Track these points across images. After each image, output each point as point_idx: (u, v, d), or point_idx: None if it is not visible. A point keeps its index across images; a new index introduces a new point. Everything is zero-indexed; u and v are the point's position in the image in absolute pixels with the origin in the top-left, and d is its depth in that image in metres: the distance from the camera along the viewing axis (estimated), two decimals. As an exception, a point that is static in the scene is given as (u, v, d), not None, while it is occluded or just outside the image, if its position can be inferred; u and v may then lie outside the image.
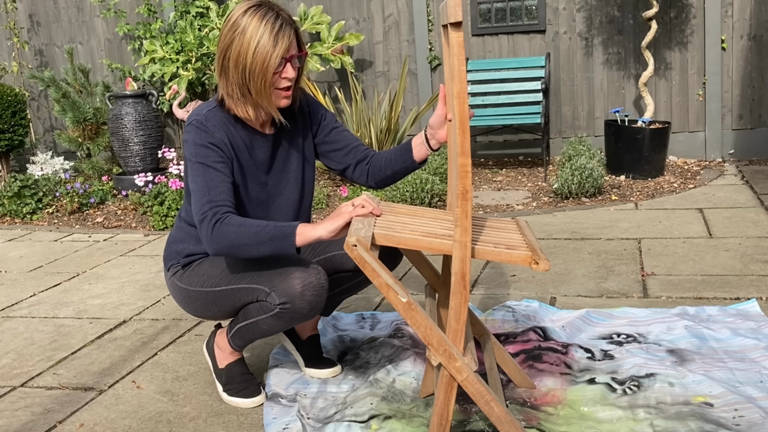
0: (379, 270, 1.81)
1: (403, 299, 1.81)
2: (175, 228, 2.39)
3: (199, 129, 2.14)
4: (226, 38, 2.10)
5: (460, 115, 1.71)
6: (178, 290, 2.32)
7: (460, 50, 1.68)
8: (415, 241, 1.89)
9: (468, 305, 1.85)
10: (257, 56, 2.05)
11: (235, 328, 2.27)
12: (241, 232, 2.01)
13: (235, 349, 2.35)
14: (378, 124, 5.43)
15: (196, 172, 2.12)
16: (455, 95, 1.71)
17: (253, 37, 2.05)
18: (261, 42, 2.05)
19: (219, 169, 2.12)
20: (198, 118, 2.16)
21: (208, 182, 2.10)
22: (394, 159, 2.32)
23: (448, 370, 1.86)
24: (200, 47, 5.89)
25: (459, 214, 1.76)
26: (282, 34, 2.06)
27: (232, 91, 2.13)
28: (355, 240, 1.81)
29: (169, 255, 2.37)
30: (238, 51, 2.07)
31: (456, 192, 1.90)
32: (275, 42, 2.06)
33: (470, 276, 1.81)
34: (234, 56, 2.08)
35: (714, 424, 2.00)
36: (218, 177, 2.11)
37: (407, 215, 2.12)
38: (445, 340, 1.84)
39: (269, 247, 2.01)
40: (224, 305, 2.23)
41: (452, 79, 1.72)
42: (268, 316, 2.15)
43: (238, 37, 2.07)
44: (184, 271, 2.32)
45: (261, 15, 2.07)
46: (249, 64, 2.07)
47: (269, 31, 2.05)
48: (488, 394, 1.87)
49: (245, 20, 2.07)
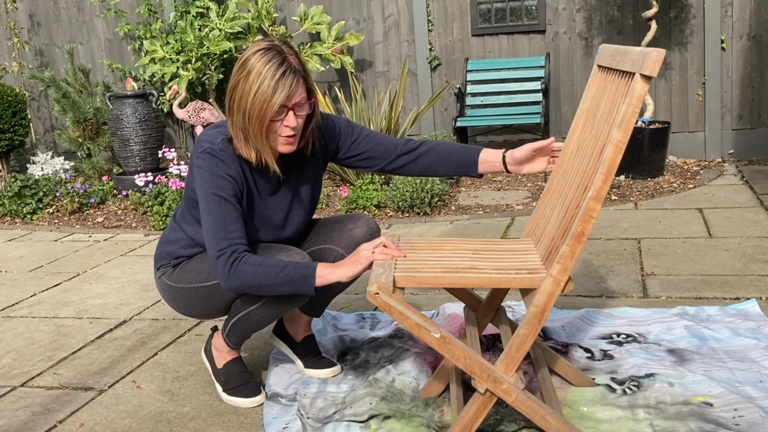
0: (406, 312, 1.82)
1: (436, 335, 1.82)
2: (168, 229, 2.39)
3: (216, 158, 2.11)
4: (234, 79, 2.07)
5: (611, 162, 1.72)
6: (167, 288, 2.33)
7: (639, 102, 1.71)
8: (437, 279, 1.92)
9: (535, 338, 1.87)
10: (256, 102, 2.02)
11: (229, 324, 2.29)
12: (260, 273, 2.02)
13: (232, 346, 2.36)
14: (378, 124, 5.44)
15: (212, 204, 2.08)
16: (614, 143, 1.72)
17: (254, 81, 2.01)
18: (261, 88, 2.01)
19: (234, 203, 2.10)
20: (213, 147, 2.12)
21: (224, 217, 2.07)
22: (454, 164, 2.29)
23: (497, 394, 1.86)
24: (200, 47, 5.89)
25: (566, 253, 1.78)
26: (283, 82, 2.01)
27: (236, 132, 2.10)
28: (377, 288, 1.82)
29: (160, 255, 2.37)
30: (240, 94, 2.04)
31: (555, 225, 1.93)
32: (275, 89, 2.01)
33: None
34: (237, 98, 2.05)
35: (714, 424, 2.00)
36: (234, 212, 2.09)
37: (426, 250, 2.13)
38: (487, 366, 1.85)
39: (288, 288, 2.03)
40: (213, 300, 2.24)
41: (615, 126, 1.73)
42: (258, 306, 2.17)
43: (242, 80, 2.04)
44: (173, 270, 2.32)
45: (267, 59, 2.02)
46: (248, 109, 2.03)
47: (270, 77, 2.00)
48: (542, 408, 1.88)
49: (251, 62, 2.03)
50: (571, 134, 2.20)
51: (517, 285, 1.89)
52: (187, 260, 2.31)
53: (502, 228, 4.28)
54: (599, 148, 1.85)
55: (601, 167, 1.74)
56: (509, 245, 2.19)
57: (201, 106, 6.18)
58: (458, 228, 4.32)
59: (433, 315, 2.95)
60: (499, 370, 1.85)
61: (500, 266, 1.97)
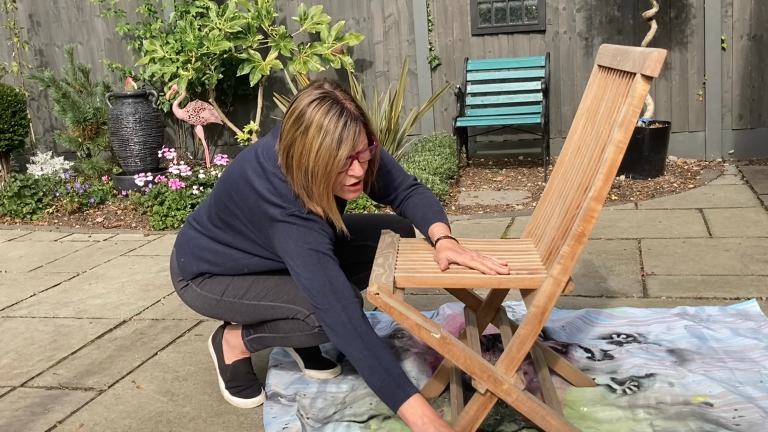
0: (406, 312, 1.81)
1: (436, 336, 1.81)
2: (195, 238, 2.26)
3: (309, 220, 2.00)
4: (289, 135, 1.94)
5: (611, 162, 1.72)
6: (196, 296, 2.27)
7: (640, 102, 1.71)
8: (437, 280, 1.91)
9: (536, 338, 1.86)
10: (320, 159, 1.90)
11: (258, 335, 2.27)
12: (359, 357, 1.91)
13: (250, 350, 2.35)
14: (378, 124, 5.43)
15: (310, 261, 1.96)
16: (615, 143, 1.72)
17: (315, 137, 1.89)
18: (324, 143, 1.89)
19: (333, 258, 1.99)
20: (300, 211, 2.00)
21: (329, 274, 1.96)
22: (416, 221, 2.23)
23: (497, 395, 1.86)
24: (200, 47, 5.89)
25: (566, 254, 1.77)
26: (347, 133, 1.90)
27: (299, 190, 1.99)
28: (377, 288, 1.82)
29: (189, 269, 2.26)
30: (300, 152, 1.92)
31: (556, 225, 1.91)
32: (339, 142, 1.89)
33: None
34: (297, 157, 1.93)
35: (714, 424, 2.00)
36: (335, 267, 1.98)
37: (427, 250, 2.13)
38: (487, 366, 1.85)
39: (376, 384, 1.91)
40: (250, 316, 2.22)
41: (616, 126, 1.73)
42: (303, 334, 2.16)
43: (300, 136, 1.91)
44: (204, 279, 2.27)
45: (325, 110, 1.90)
46: (311, 167, 1.92)
47: (333, 131, 1.89)
48: (542, 409, 1.87)
49: (308, 116, 1.91)
50: (572, 134, 2.20)
51: (517, 285, 1.89)
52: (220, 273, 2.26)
53: (502, 228, 4.28)
54: (600, 148, 1.85)
55: (602, 167, 1.74)
56: (509, 245, 2.19)
57: (201, 106, 6.18)
58: (458, 228, 4.32)
59: (433, 315, 2.95)
60: (499, 371, 1.85)
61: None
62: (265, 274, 2.23)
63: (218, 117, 6.30)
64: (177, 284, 2.32)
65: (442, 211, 2.23)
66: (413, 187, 2.28)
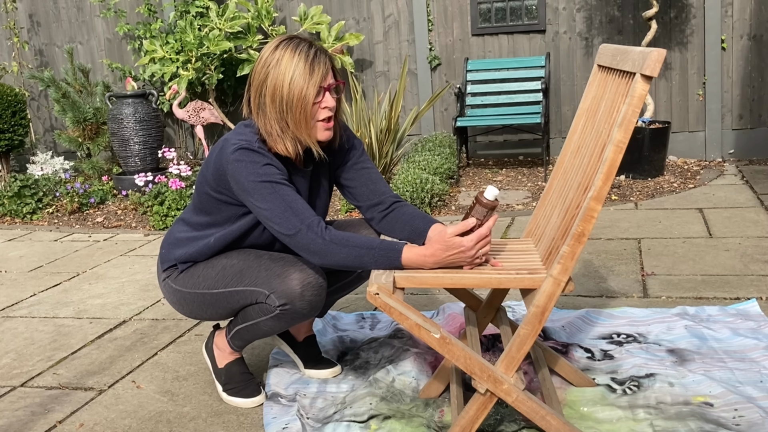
0: (406, 312, 1.81)
1: (436, 335, 1.81)
2: (175, 226, 2.36)
3: (254, 152, 2.06)
4: (260, 74, 2.06)
5: (611, 162, 1.72)
6: (171, 292, 2.31)
7: (639, 102, 1.71)
8: (437, 280, 1.91)
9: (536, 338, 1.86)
10: (294, 86, 2.02)
11: (235, 329, 2.28)
12: (345, 253, 1.99)
13: (235, 349, 2.36)
14: (378, 124, 5.43)
15: (266, 191, 2.04)
16: (614, 142, 1.72)
17: (287, 67, 2.01)
18: (296, 71, 2.01)
19: (287, 185, 2.06)
20: (251, 143, 2.08)
21: (286, 200, 2.03)
22: (408, 229, 2.19)
23: (497, 395, 1.86)
24: (200, 47, 5.89)
25: (566, 254, 1.77)
26: (317, 62, 2.03)
27: (270, 127, 2.07)
28: (377, 288, 1.81)
29: (167, 256, 2.34)
30: (273, 84, 2.04)
31: (555, 225, 1.91)
32: (311, 70, 2.02)
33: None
34: (270, 91, 2.05)
35: (714, 424, 2.00)
36: (292, 192, 2.05)
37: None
38: (487, 366, 1.85)
39: (375, 267, 1.98)
40: (221, 307, 2.23)
41: (616, 125, 1.73)
42: (268, 317, 2.15)
43: (272, 71, 2.03)
44: (179, 274, 2.30)
45: (293, 46, 2.04)
46: (286, 95, 2.03)
47: (304, 60, 2.02)
48: (542, 409, 1.87)
49: (278, 54, 2.04)
50: (572, 134, 2.20)
51: (517, 285, 1.89)
52: (194, 264, 2.29)
53: (502, 228, 4.28)
54: (600, 148, 1.85)
55: (602, 167, 1.74)
56: (509, 245, 2.19)
57: (201, 106, 6.18)
58: (458, 228, 4.32)
59: (433, 315, 2.95)
60: (499, 371, 1.85)
61: (500, 266, 1.97)
62: (236, 252, 2.24)
63: (218, 117, 6.30)
64: (159, 281, 2.38)
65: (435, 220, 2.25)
66: (400, 202, 2.29)
